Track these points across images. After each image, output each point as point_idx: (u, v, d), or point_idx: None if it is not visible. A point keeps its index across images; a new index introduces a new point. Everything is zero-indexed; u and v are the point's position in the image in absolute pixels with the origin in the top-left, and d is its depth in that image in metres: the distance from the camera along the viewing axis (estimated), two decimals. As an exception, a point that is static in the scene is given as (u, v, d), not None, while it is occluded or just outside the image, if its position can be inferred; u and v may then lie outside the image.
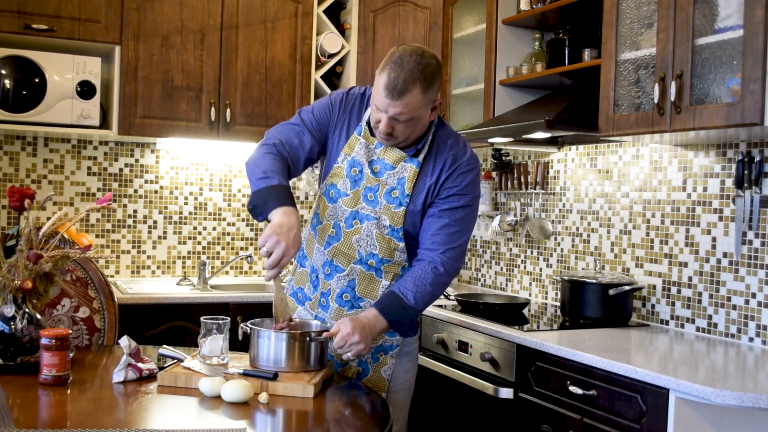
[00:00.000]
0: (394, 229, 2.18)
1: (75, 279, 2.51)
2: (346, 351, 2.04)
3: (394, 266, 2.23)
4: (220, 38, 3.79)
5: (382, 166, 2.19)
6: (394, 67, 2.03)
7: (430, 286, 2.13)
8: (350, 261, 2.21)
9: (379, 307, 2.11)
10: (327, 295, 2.26)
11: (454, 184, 2.18)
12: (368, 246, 2.19)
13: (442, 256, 2.16)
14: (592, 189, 3.37)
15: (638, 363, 2.28)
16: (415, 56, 2.04)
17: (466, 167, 2.19)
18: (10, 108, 3.37)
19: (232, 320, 3.51)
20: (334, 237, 2.23)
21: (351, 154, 2.20)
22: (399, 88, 2.02)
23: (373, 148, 2.20)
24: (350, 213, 2.20)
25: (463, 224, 2.19)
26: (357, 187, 2.20)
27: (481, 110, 3.57)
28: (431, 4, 3.92)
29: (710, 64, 2.44)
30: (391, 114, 2.05)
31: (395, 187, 2.18)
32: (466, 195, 2.19)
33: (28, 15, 3.44)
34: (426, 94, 2.06)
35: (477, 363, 2.93)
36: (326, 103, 2.27)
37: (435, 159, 2.19)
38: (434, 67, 2.08)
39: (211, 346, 2.06)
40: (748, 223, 2.63)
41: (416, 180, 2.17)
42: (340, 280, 2.23)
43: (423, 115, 2.10)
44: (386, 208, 2.18)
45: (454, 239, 2.17)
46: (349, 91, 2.29)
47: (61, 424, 1.64)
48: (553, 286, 3.57)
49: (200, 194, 4.14)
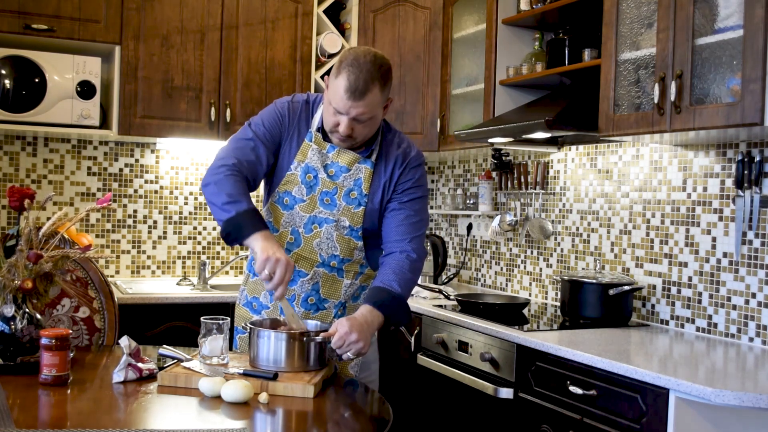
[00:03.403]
0: (353, 229, 2.25)
1: (75, 279, 2.51)
2: (345, 350, 2.04)
3: (354, 264, 2.30)
4: (220, 38, 3.79)
5: (337, 170, 2.24)
6: (353, 69, 2.08)
7: (410, 272, 2.21)
8: (313, 265, 2.26)
9: (371, 302, 2.13)
10: (291, 301, 2.28)
11: (408, 178, 2.27)
12: (329, 248, 2.25)
13: (410, 244, 2.24)
14: (592, 189, 3.37)
15: (638, 363, 2.28)
16: (370, 56, 2.11)
17: (416, 162, 2.30)
18: (10, 108, 3.37)
19: (232, 320, 3.51)
20: (293, 243, 2.26)
21: (305, 161, 2.24)
22: (360, 88, 2.08)
23: (326, 153, 2.24)
24: (308, 218, 2.25)
25: (422, 214, 2.30)
26: (313, 192, 2.24)
27: (481, 110, 3.57)
28: (431, 4, 3.92)
29: (710, 64, 2.44)
30: (353, 115, 2.11)
31: (352, 188, 2.24)
32: (421, 186, 2.30)
33: (28, 15, 3.44)
34: (383, 93, 2.14)
35: (477, 363, 2.93)
36: (274, 113, 2.27)
37: (386, 157, 2.27)
38: (387, 66, 2.15)
39: (211, 346, 2.06)
40: (748, 223, 2.63)
41: (372, 179, 2.25)
42: (303, 284, 2.27)
43: (379, 114, 2.19)
44: (345, 210, 2.24)
45: (417, 228, 2.27)
46: (293, 98, 2.31)
47: (61, 424, 1.64)
48: (553, 286, 3.57)
49: (200, 194, 4.14)
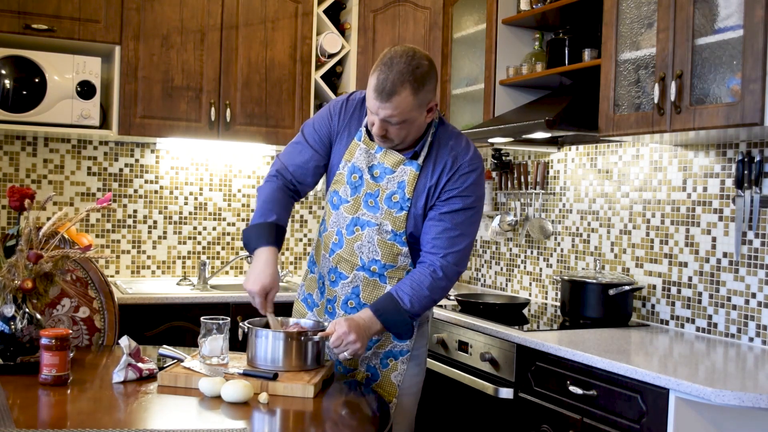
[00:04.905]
0: (396, 234, 2.17)
1: (75, 279, 2.51)
2: (342, 350, 2.04)
3: (398, 271, 2.21)
4: (220, 38, 3.79)
5: (381, 171, 2.18)
6: (384, 69, 2.02)
7: (428, 290, 2.11)
8: (353, 268, 2.21)
9: (374, 308, 2.10)
10: (333, 302, 2.26)
11: (455, 186, 2.14)
12: (370, 252, 2.19)
13: (442, 260, 2.13)
14: (592, 189, 3.37)
15: (638, 363, 2.28)
16: (406, 57, 2.02)
17: (468, 168, 2.15)
18: (10, 108, 3.37)
19: (232, 320, 3.51)
20: (336, 244, 2.23)
21: (351, 160, 2.20)
22: (387, 89, 2.00)
23: (373, 153, 2.19)
24: (351, 220, 2.20)
25: (464, 227, 2.15)
26: (357, 193, 2.19)
27: (481, 110, 3.57)
28: (431, 4, 3.92)
29: (710, 64, 2.44)
30: (382, 116, 2.04)
31: (395, 191, 2.16)
32: (468, 197, 2.15)
33: (28, 15, 3.44)
34: (417, 96, 2.03)
35: (477, 363, 2.93)
36: (325, 114, 2.28)
37: (435, 160, 2.16)
38: (426, 68, 2.04)
39: (211, 346, 2.06)
40: (748, 223, 2.63)
41: (416, 183, 2.15)
42: (344, 287, 2.23)
43: (417, 117, 2.07)
44: (388, 213, 2.16)
45: (455, 243, 2.13)
46: (350, 96, 2.28)
47: (61, 424, 1.64)
48: (553, 286, 3.57)
49: (200, 194, 4.14)
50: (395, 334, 2.15)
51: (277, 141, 3.86)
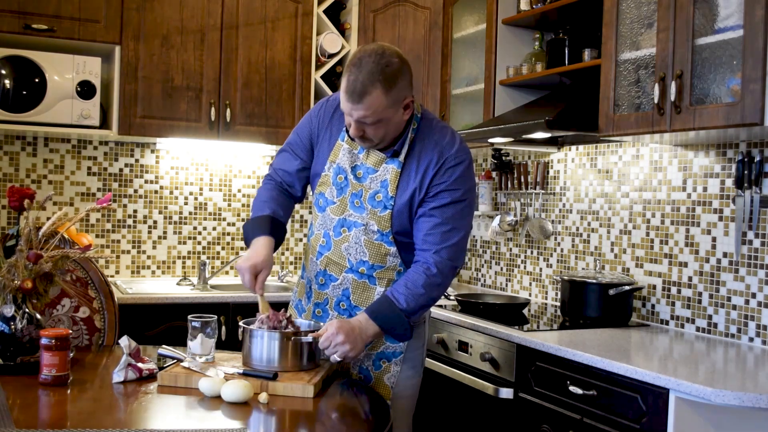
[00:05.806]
0: (383, 234, 2.15)
1: (75, 279, 2.51)
2: (332, 351, 2.02)
3: (387, 272, 2.19)
4: (220, 38, 3.79)
5: (364, 171, 2.17)
6: (354, 70, 1.99)
7: (423, 288, 2.08)
8: (342, 270, 2.20)
9: (369, 311, 2.09)
10: (324, 305, 2.25)
11: (442, 180, 2.10)
12: (357, 253, 2.17)
13: (435, 256, 2.10)
14: (592, 189, 3.37)
15: (638, 363, 2.28)
16: (375, 56, 1.98)
17: (454, 161, 2.11)
18: (10, 108, 3.37)
19: (233, 320, 3.52)
20: (324, 246, 2.22)
21: (336, 162, 2.19)
22: (358, 90, 1.98)
23: (356, 153, 2.18)
24: (338, 221, 2.19)
25: (455, 221, 2.11)
26: (343, 194, 2.18)
27: (481, 110, 3.57)
28: (431, 4, 3.92)
29: (710, 64, 2.44)
30: (355, 117, 2.02)
31: (378, 190, 2.14)
32: (456, 190, 2.11)
33: (28, 15, 3.44)
34: (389, 95, 2.00)
35: (477, 363, 2.93)
36: (306, 119, 2.29)
37: (419, 156, 2.12)
38: (396, 65, 2.00)
39: (198, 343, 2.08)
40: (748, 223, 2.63)
41: (399, 180, 2.13)
42: (335, 289, 2.22)
43: (392, 115, 2.05)
44: (372, 213, 2.15)
45: (448, 238, 2.10)
46: (329, 98, 2.28)
47: (61, 424, 1.64)
48: (553, 286, 3.57)
49: (200, 194, 4.14)
50: (393, 335, 2.13)
51: (277, 141, 3.86)
